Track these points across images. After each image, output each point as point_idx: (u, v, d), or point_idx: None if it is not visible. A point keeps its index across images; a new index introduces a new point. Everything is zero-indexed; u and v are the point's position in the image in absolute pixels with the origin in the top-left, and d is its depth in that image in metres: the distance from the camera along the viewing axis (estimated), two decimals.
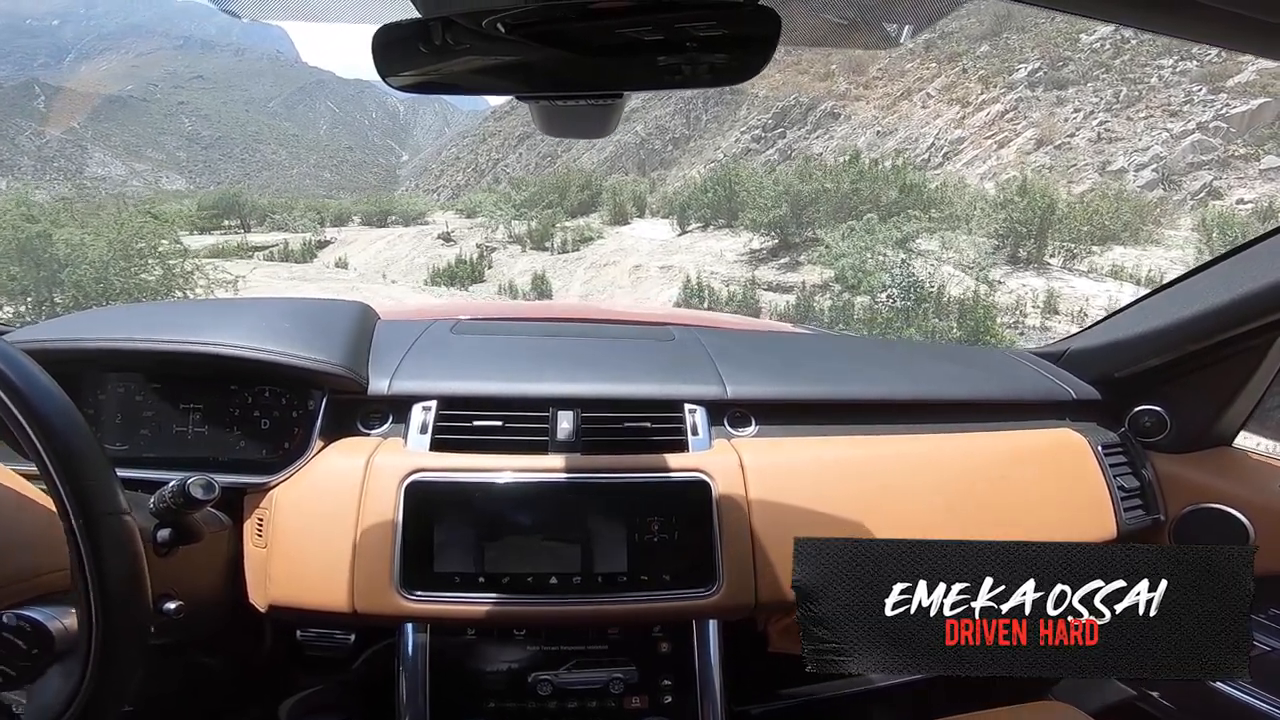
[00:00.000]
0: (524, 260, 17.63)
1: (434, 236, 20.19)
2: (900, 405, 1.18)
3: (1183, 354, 1.16)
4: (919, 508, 1.03)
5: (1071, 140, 21.20)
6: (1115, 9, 0.53)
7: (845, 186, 15.85)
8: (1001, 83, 24.43)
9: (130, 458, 0.96)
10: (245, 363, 0.95)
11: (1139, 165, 18.61)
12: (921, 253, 12.89)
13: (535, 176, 31.14)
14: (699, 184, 21.21)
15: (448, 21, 0.50)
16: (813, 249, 14.38)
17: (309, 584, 0.89)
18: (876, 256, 12.30)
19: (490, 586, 0.89)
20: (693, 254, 16.56)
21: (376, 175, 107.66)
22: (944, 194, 16.82)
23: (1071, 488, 1.14)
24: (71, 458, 0.55)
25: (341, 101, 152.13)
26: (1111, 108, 20.62)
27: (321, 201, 33.43)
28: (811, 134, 29.91)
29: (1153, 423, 1.24)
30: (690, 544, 0.94)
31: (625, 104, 0.70)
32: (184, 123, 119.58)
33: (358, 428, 1.02)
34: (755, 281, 14.23)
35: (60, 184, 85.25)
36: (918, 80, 28.96)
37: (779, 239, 15.81)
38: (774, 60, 0.52)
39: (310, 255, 19.60)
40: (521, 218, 20.41)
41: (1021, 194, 13.97)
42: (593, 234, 18.98)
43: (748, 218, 16.36)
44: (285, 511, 0.92)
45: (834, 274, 12.54)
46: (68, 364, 0.94)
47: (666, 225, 19.92)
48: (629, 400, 1.05)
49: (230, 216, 24.61)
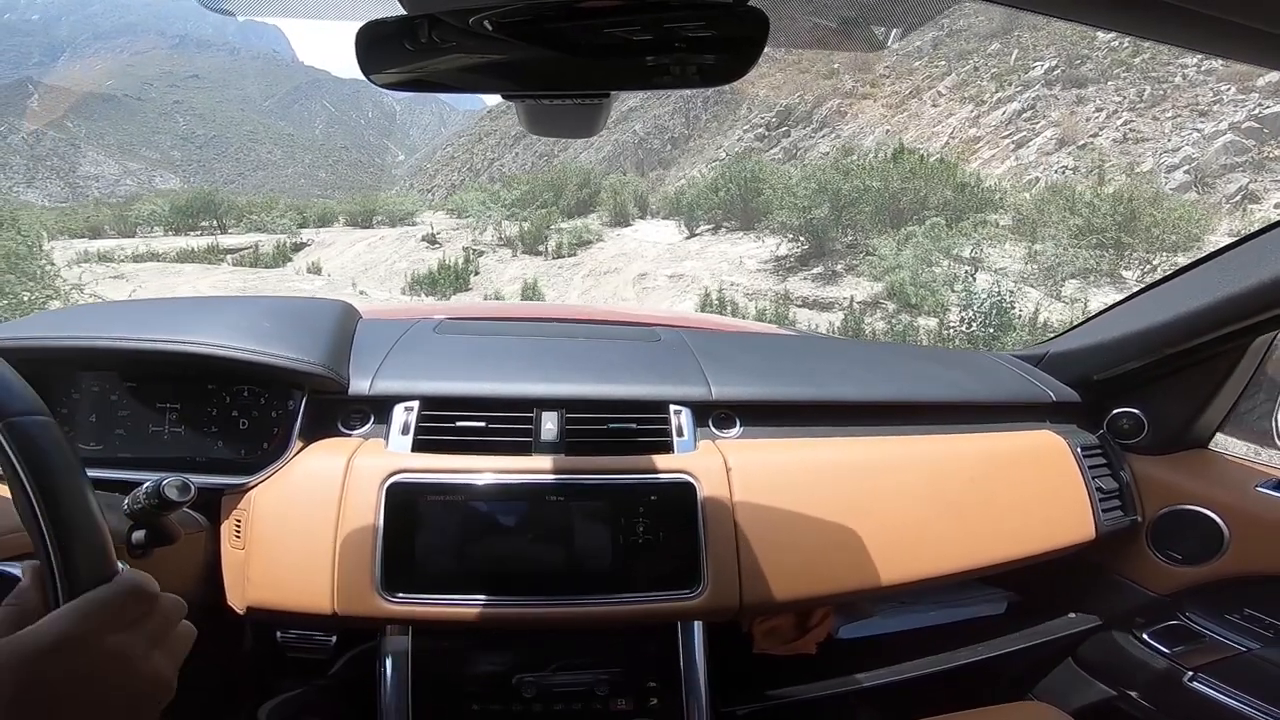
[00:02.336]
0: (514, 266, 15.71)
1: (418, 239, 18.63)
2: (883, 406, 1.18)
3: (1160, 357, 1.17)
4: (901, 508, 1.03)
5: (1095, 140, 20.40)
6: (1100, 13, 0.51)
7: (895, 184, 13.40)
8: (1016, 81, 23.90)
9: (104, 458, 0.94)
10: (223, 361, 0.93)
11: (1169, 167, 17.78)
12: (990, 267, 10.87)
13: (529, 174, 30.02)
14: (708, 182, 18.87)
15: (434, 19, 0.50)
16: (850, 257, 12.42)
17: (288, 586, 0.87)
18: (940, 268, 10.36)
19: (473, 588, 0.89)
20: (705, 260, 14.47)
21: (372, 175, 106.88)
22: (1002, 195, 14.44)
23: (1051, 489, 1.15)
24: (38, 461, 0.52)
25: (337, 101, 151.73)
26: (1135, 107, 20.07)
27: (304, 201, 31.96)
28: (817, 133, 29.12)
29: (1131, 425, 1.26)
30: (675, 546, 0.94)
31: (612, 104, 0.69)
32: (179, 122, 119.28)
33: (338, 428, 1.01)
34: (788, 296, 11.88)
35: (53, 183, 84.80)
36: (927, 78, 28.32)
37: (811, 244, 13.33)
38: (775, 59, 0.62)
39: (284, 259, 18.08)
40: (513, 218, 18.61)
41: (1107, 199, 11.66)
42: (591, 236, 17.13)
43: (776, 219, 13.80)
44: (264, 513, 0.90)
45: (886, 288, 10.40)
46: (40, 363, 0.92)
47: (673, 227, 18.04)
48: (613, 401, 1.05)
49: (206, 217, 23.32)
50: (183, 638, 0.54)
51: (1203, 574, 1.17)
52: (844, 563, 0.99)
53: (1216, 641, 1.11)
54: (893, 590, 1.02)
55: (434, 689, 0.90)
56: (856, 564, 1.00)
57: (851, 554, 1.00)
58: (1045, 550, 1.12)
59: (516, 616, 0.90)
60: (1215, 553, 1.15)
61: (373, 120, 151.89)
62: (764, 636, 1.20)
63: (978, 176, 15.29)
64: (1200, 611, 1.16)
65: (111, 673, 0.46)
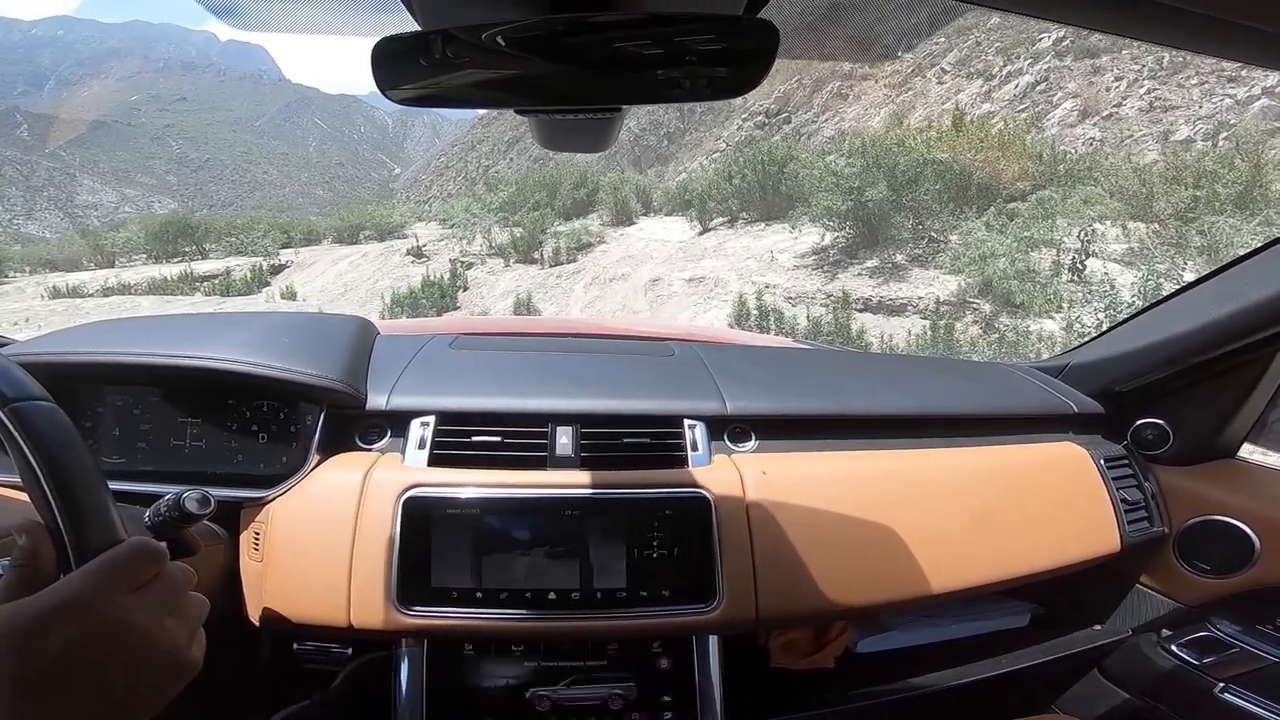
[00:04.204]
0: (508, 277, 13.94)
1: (403, 253, 17.29)
2: (902, 420, 1.17)
3: (1185, 367, 1.16)
4: (921, 523, 1.02)
5: (1120, 110, 19.34)
6: (1101, 14, 0.51)
7: (967, 157, 11.22)
8: (1024, 53, 23.42)
9: (126, 471, 0.96)
10: (243, 377, 0.95)
11: (1206, 134, 16.62)
12: (1104, 254, 8.81)
13: (519, 175, 28.69)
14: (718, 170, 16.78)
15: (447, 35, 0.51)
16: (912, 245, 10.44)
17: (305, 598, 0.88)
18: (1035, 254, 8.52)
19: (488, 602, 0.89)
20: (728, 258, 12.41)
21: (370, 190, 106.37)
22: (1089, 166, 11.95)
23: (1075, 501, 1.14)
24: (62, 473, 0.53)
25: (328, 117, 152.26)
26: (1156, 75, 19.39)
27: (288, 219, 30.49)
28: (819, 117, 28.14)
29: (1155, 435, 1.24)
30: (690, 560, 0.93)
31: (624, 118, 0.68)
32: (171, 145, 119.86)
33: (355, 443, 1.02)
34: (846, 298, 9.50)
35: (51, 214, 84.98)
36: (927, 56, 27.37)
37: (860, 232, 11.05)
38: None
39: (261, 282, 16.67)
40: (503, 223, 16.75)
41: (1221, 160, 9.78)
42: (591, 238, 15.32)
43: (819, 204, 11.44)
44: (281, 526, 0.91)
45: (978, 283, 8.53)
46: (64, 377, 0.94)
47: (682, 223, 16.07)
48: (628, 416, 1.05)
49: (185, 241, 22.07)
50: (196, 607, 0.51)
51: (1232, 585, 1.15)
52: (863, 576, 0.98)
53: (1248, 652, 1.07)
54: (913, 604, 1.01)
55: (448, 702, 0.89)
56: (875, 577, 0.98)
57: (870, 567, 0.98)
58: (1069, 563, 1.10)
59: (531, 630, 0.90)
60: (1246, 563, 1.13)
61: (365, 135, 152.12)
62: (780, 651, 1.18)
63: (1052, 146, 13.14)
64: (1230, 622, 1.12)
65: (119, 639, 0.43)
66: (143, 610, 0.44)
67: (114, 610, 0.43)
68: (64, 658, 0.40)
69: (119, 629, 0.43)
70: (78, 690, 0.41)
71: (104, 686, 0.42)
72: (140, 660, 0.43)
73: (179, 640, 0.46)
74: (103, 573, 0.44)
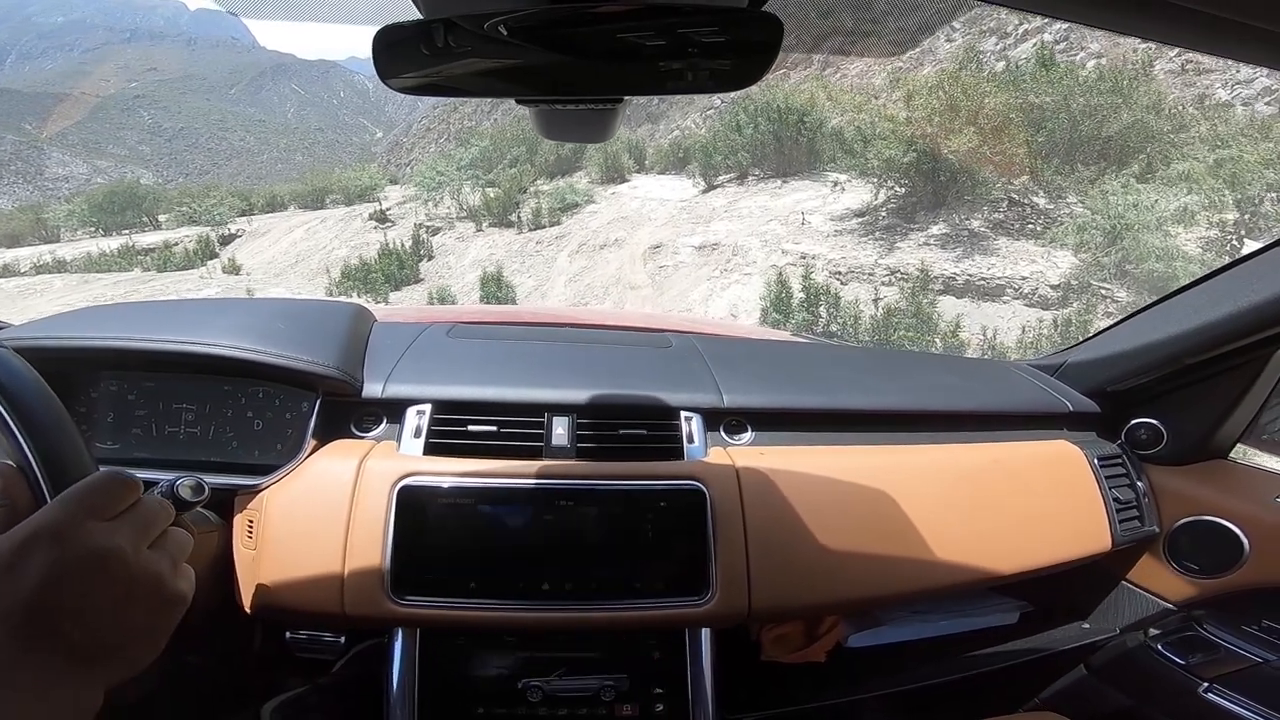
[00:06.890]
0: (479, 243, 12.25)
1: (364, 218, 15.54)
2: (897, 416, 1.17)
3: (1179, 367, 1.16)
4: (914, 518, 1.02)
5: (1149, 73, 17.93)
6: (1101, 13, 0.52)
7: (1079, 102, 9.07)
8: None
9: (120, 458, 0.95)
10: (238, 363, 0.94)
11: (1246, 99, 15.16)
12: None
13: (495, 128, 26.26)
14: (726, 122, 14.37)
15: (450, 24, 0.50)
16: (996, 208, 8.39)
17: (299, 586, 0.88)
18: (1191, 233, 6.76)
19: (482, 592, 0.89)
20: (743, 219, 10.21)
21: (351, 154, 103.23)
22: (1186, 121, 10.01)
23: (1068, 499, 1.14)
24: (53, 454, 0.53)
25: (306, 83, 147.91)
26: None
27: (248, 187, 28.39)
28: (822, 73, 26.33)
29: (1149, 435, 1.24)
30: (684, 552, 0.94)
31: (626, 108, 0.68)
32: (143, 116, 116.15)
33: (351, 430, 1.01)
34: (927, 276, 7.41)
35: (20, 188, 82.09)
36: (936, 14, 25.46)
37: (919, 189, 8.85)
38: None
39: (209, 254, 15.05)
40: (475, 182, 14.77)
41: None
42: (578, 198, 13.48)
43: (877, 155, 9.40)
44: (276, 513, 0.91)
45: (1114, 261, 6.66)
46: (59, 362, 0.93)
47: (682, 180, 14.19)
48: (625, 407, 1.04)
49: (132, 212, 20.17)
50: (177, 539, 0.50)
51: (1220, 585, 1.16)
52: (855, 570, 0.98)
53: (1233, 652, 1.08)
54: (904, 599, 1.03)
55: (440, 691, 0.90)
56: (868, 572, 0.99)
57: (863, 562, 0.99)
58: (1060, 560, 1.11)
59: (524, 620, 0.90)
60: (1234, 564, 1.14)
61: (346, 100, 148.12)
62: (772, 644, 1.19)
63: (1158, 95, 10.47)
64: (1217, 622, 1.13)
65: (97, 565, 0.42)
66: (118, 535, 0.44)
67: (89, 536, 0.43)
68: (43, 587, 0.40)
69: (96, 554, 0.42)
70: (63, 628, 0.40)
71: (92, 624, 0.41)
72: (122, 591, 0.43)
73: (160, 569, 0.45)
74: (74, 499, 0.44)
